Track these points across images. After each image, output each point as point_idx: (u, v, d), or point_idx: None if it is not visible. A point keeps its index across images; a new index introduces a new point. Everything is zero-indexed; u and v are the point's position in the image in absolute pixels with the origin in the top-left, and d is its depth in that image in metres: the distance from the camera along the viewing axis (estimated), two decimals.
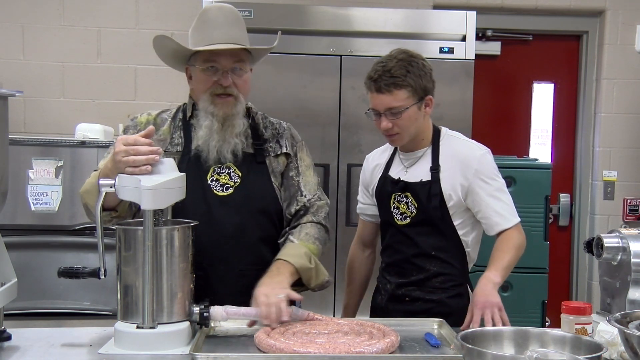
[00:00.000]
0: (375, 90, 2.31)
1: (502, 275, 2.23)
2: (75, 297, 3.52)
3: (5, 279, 1.96)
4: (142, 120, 2.32)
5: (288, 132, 2.39)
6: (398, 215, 2.44)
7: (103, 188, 1.90)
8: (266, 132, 2.35)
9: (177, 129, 2.30)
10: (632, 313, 1.84)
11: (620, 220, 4.71)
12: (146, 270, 1.85)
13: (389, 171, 2.50)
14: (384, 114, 2.33)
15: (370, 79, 2.33)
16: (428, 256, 2.41)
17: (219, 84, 2.20)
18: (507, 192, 2.40)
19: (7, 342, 1.94)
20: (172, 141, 2.27)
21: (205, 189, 2.22)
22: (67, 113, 4.32)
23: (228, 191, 2.23)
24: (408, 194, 2.41)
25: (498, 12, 4.69)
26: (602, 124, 4.73)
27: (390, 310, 2.43)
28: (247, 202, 2.23)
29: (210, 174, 2.24)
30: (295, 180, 2.34)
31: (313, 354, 1.78)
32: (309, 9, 3.88)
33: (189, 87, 2.35)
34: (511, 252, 2.28)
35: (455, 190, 2.37)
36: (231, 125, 2.22)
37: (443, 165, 2.40)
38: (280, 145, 2.34)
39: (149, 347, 1.84)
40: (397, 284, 2.45)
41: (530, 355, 1.55)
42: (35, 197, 3.63)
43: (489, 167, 2.39)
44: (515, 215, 2.37)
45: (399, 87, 2.29)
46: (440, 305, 2.37)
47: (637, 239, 2.24)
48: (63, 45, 4.35)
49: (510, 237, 2.32)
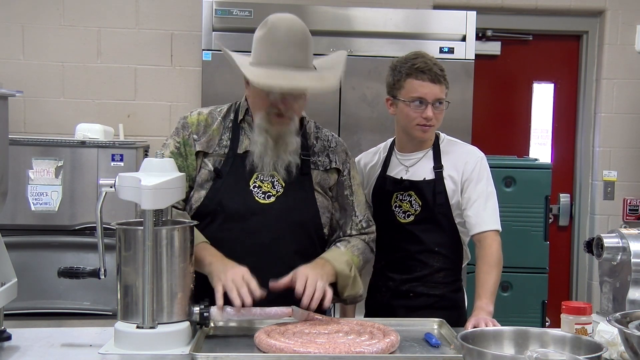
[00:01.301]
0: (429, 80, 2.39)
1: (493, 301, 2.29)
2: (75, 297, 3.52)
3: (5, 279, 1.96)
4: (193, 121, 2.28)
5: (341, 147, 2.38)
6: (400, 214, 2.49)
7: (103, 188, 1.91)
8: (317, 144, 2.33)
9: (227, 130, 2.27)
10: (632, 313, 1.84)
11: (620, 220, 4.71)
12: (146, 270, 1.85)
13: (388, 171, 2.55)
14: (432, 103, 2.40)
15: (418, 69, 2.40)
16: (432, 252, 2.47)
17: (276, 106, 2.17)
18: (496, 201, 2.47)
19: (7, 342, 1.94)
20: (220, 142, 2.25)
21: (247, 194, 2.20)
22: (67, 113, 4.32)
23: (270, 199, 2.21)
24: (412, 193, 2.47)
25: (498, 12, 4.68)
26: (602, 124, 4.73)
27: (395, 307, 2.47)
28: (287, 213, 2.22)
29: (254, 180, 2.22)
30: (350, 199, 2.35)
31: (313, 354, 1.78)
32: (309, 9, 3.87)
33: (246, 91, 2.29)
34: (494, 272, 2.34)
35: (456, 189, 2.45)
36: (284, 143, 2.20)
37: (445, 165, 2.48)
38: (330, 160, 2.33)
39: (149, 347, 1.84)
40: (400, 280, 2.49)
41: (530, 355, 1.55)
42: (35, 197, 3.63)
43: (484, 171, 2.48)
44: (497, 223, 2.43)
45: (445, 81, 2.43)
46: (444, 299, 2.46)
47: (637, 239, 2.24)
48: (63, 45, 4.35)
49: (490, 253, 2.37)
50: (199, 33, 3.90)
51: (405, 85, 2.42)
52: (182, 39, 4.36)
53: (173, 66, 4.38)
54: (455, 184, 2.46)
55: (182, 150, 2.24)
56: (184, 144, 2.24)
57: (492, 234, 2.40)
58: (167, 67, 4.39)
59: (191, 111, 2.33)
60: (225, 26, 3.78)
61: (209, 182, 2.22)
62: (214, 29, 3.80)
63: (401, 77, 2.43)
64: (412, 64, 2.41)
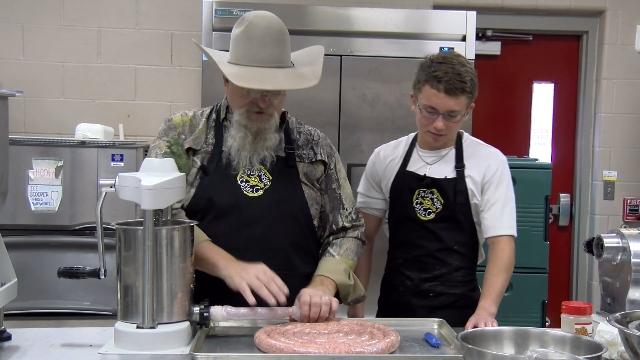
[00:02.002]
0: (444, 91, 2.32)
1: (497, 303, 2.29)
2: (75, 297, 3.52)
3: (5, 279, 1.96)
4: (178, 121, 2.29)
5: (324, 140, 2.39)
6: (421, 211, 2.47)
7: (103, 188, 1.91)
8: (299, 137, 2.34)
9: (211, 129, 2.28)
10: (632, 313, 1.84)
11: (620, 220, 4.71)
12: (146, 270, 1.85)
13: (408, 167, 2.52)
14: (442, 114, 2.36)
15: (436, 77, 2.32)
16: (450, 250, 2.47)
17: (255, 103, 2.18)
18: (514, 206, 2.45)
19: (7, 342, 1.94)
20: (206, 140, 2.27)
21: (235, 188, 2.21)
22: (67, 113, 4.32)
23: (258, 192, 2.22)
24: (434, 190, 2.46)
25: (498, 12, 4.68)
26: (602, 124, 4.73)
27: (414, 307, 2.45)
28: (277, 204, 2.22)
29: (241, 175, 2.23)
30: (337, 193, 2.36)
31: (313, 354, 1.78)
32: (309, 9, 3.88)
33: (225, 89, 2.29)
34: (502, 275, 2.34)
35: (477, 189, 2.44)
36: (263, 138, 2.21)
37: (467, 165, 2.47)
38: (315, 152, 2.34)
39: (149, 347, 1.84)
40: (419, 279, 2.48)
41: (530, 355, 1.55)
42: (35, 197, 3.63)
43: (505, 175, 2.47)
44: (513, 228, 2.42)
45: (465, 92, 2.33)
46: (464, 298, 2.46)
47: (637, 239, 2.24)
48: (63, 45, 4.35)
49: (501, 256, 2.37)
50: (199, 33, 3.89)
51: (423, 90, 2.37)
52: (182, 39, 4.35)
53: (173, 66, 4.38)
54: (476, 185, 2.44)
55: (175, 149, 2.24)
56: (174, 143, 2.25)
57: (506, 239, 2.39)
58: (167, 67, 4.39)
59: (174, 113, 2.34)
60: (225, 26, 3.78)
61: (197, 180, 2.23)
62: (214, 29, 3.80)
63: (421, 79, 2.38)
64: (433, 69, 2.34)
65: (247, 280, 2.01)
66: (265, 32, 2.12)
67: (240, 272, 2.04)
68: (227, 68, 2.14)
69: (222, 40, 3.69)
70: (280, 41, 2.15)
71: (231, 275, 2.05)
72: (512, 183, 2.48)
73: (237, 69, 2.13)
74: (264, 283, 2.01)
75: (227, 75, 2.11)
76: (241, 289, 2.00)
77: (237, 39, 2.16)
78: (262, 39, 2.12)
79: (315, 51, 2.31)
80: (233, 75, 2.10)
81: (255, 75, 2.10)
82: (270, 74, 2.11)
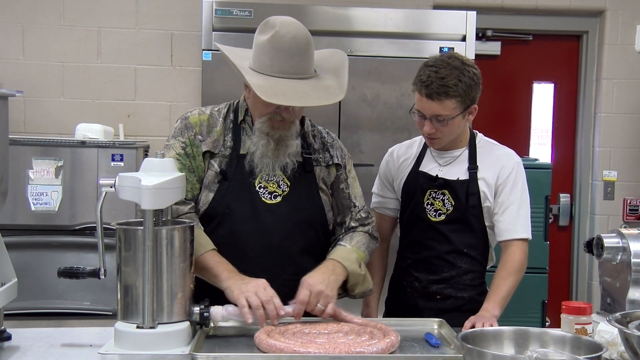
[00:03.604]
0: (426, 95, 2.28)
1: (502, 306, 2.27)
2: (75, 297, 3.52)
3: (5, 279, 1.96)
4: (195, 121, 2.24)
5: (337, 142, 2.38)
6: (432, 212, 2.45)
7: (103, 188, 1.90)
8: (315, 141, 2.33)
9: (229, 131, 2.25)
10: (632, 313, 1.84)
11: (620, 220, 4.71)
12: (146, 270, 1.85)
13: (421, 167, 2.50)
14: (429, 118, 2.33)
15: (420, 81, 2.29)
16: (460, 253, 2.44)
17: (279, 113, 2.15)
18: (529, 208, 2.44)
19: (7, 342, 1.94)
20: (224, 143, 2.23)
21: (253, 195, 2.20)
22: (67, 113, 4.32)
23: (276, 199, 2.21)
24: (446, 192, 2.43)
25: (498, 12, 4.68)
26: (602, 124, 4.73)
27: (422, 308, 2.43)
28: (294, 212, 2.22)
29: (259, 181, 2.21)
30: (346, 192, 2.35)
31: (313, 354, 1.78)
32: (309, 9, 3.88)
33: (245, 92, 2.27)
34: (511, 278, 2.33)
35: (490, 192, 2.41)
36: (285, 145, 2.19)
37: (480, 166, 2.43)
38: (331, 155, 2.33)
39: (149, 347, 1.84)
40: (427, 280, 2.45)
41: (530, 355, 1.55)
42: (35, 197, 3.63)
43: (520, 177, 2.44)
44: (528, 232, 2.41)
45: (449, 96, 2.27)
46: (472, 302, 2.40)
47: (637, 239, 2.24)
48: (63, 45, 4.35)
49: (512, 259, 2.36)
50: (199, 33, 3.90)
51: (415, 94, 2.36)
52: (182, 39, 4.35)
53: (173, 66, 4.38)
54: (489, 186, 2.41)
55: (190, 150, 2.21)
56: (190, 144, 2.21)
57: (519, 242, 2.38)
58: (167, 67, 4.39)
59: (190, 111, 2.30)
60: (225, 26, 3.78)
61: (215, 184, 2.21)
62: (214, 29, 3.80)
63: (414, 83, 2.35)
64: (421, 73, 2.30)
65: (246, 296, 2.00)
66: (292, 44, 2.08)
67: (240, 286, 2.03)
68: (253, 79, 2.08)
69: (222, 40, 3.69)
70: (307, 52, 2.12)
71: (231, 288, 2.04)
72: (527, 185, 2.45)
73: (263, 80, 2.08)
74: (262, 301, 1.99)
75: (254, 88, 2.05)
76: (240, 305, 2.00)
77: (263, 48, 2.10)
78: (289, 50, 2.08)
79: (338, 58, 2.28)
80: (260, 88, 2.04)
81: (283, 90, 2.06)
82: (296, 88, 2.08)
